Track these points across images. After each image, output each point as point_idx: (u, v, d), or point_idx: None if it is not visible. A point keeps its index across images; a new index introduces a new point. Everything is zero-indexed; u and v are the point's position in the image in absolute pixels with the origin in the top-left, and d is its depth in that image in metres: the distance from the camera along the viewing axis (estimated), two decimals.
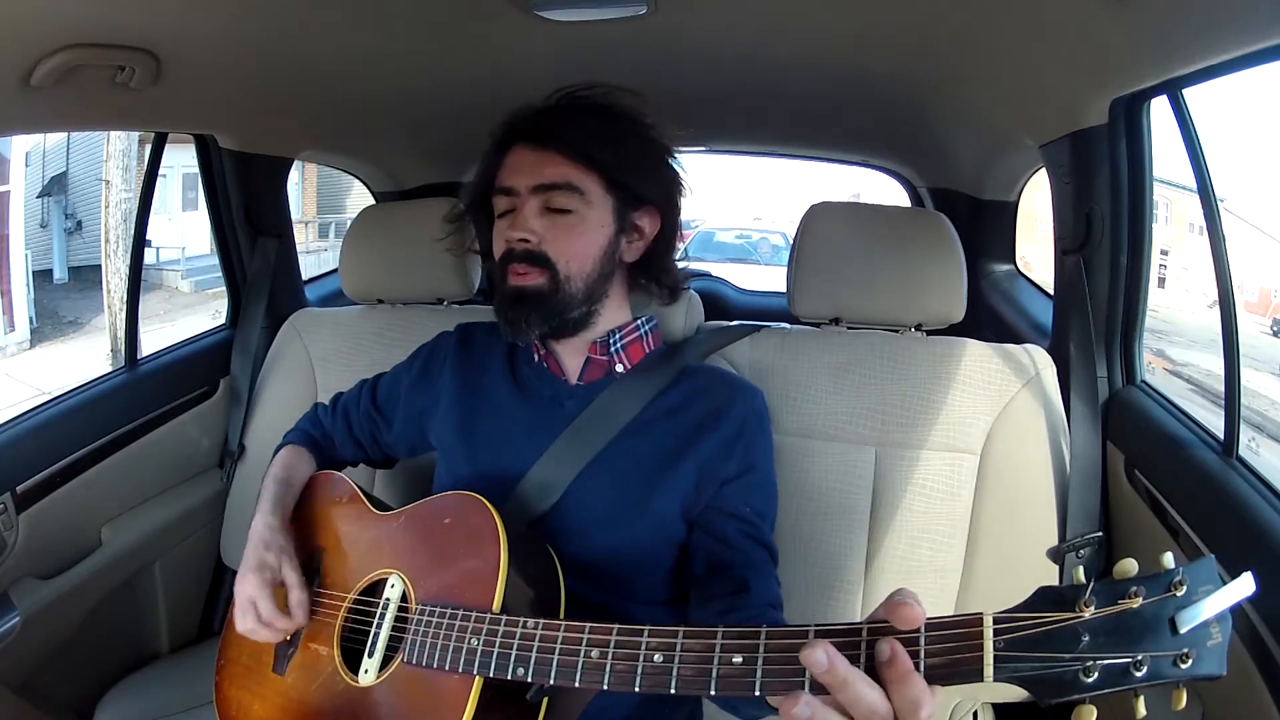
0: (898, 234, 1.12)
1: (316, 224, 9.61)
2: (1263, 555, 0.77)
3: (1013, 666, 0.47)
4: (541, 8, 1.04)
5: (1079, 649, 0.46)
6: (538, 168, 0.88)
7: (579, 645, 0.62)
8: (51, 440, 1.15)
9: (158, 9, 0.92)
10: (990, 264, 1.85)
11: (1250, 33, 0.74)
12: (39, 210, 8.21)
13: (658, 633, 0.59)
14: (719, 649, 0.56)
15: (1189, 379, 2.83)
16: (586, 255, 0.89)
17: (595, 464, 0.88)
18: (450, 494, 0.82)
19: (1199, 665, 0.45)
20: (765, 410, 0.94)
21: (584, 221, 0.88)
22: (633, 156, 0.90)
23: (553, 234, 0.87)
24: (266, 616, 0.81)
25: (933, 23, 1.07)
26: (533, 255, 0.87)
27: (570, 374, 0.95)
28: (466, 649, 0.68)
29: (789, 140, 2.18)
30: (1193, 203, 0.96)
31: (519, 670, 0.64)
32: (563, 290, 0.88)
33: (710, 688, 0.55)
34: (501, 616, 0.68)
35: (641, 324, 0.97)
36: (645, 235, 0.94)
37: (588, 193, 0.88)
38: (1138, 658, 0.45)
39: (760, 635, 0.55)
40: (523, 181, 0.88)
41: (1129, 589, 0.46)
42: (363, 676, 0.76)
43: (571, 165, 0.87)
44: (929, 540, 1.06)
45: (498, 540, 0.73)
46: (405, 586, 0.78)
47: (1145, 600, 0.46)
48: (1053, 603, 0.47)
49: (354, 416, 1.06)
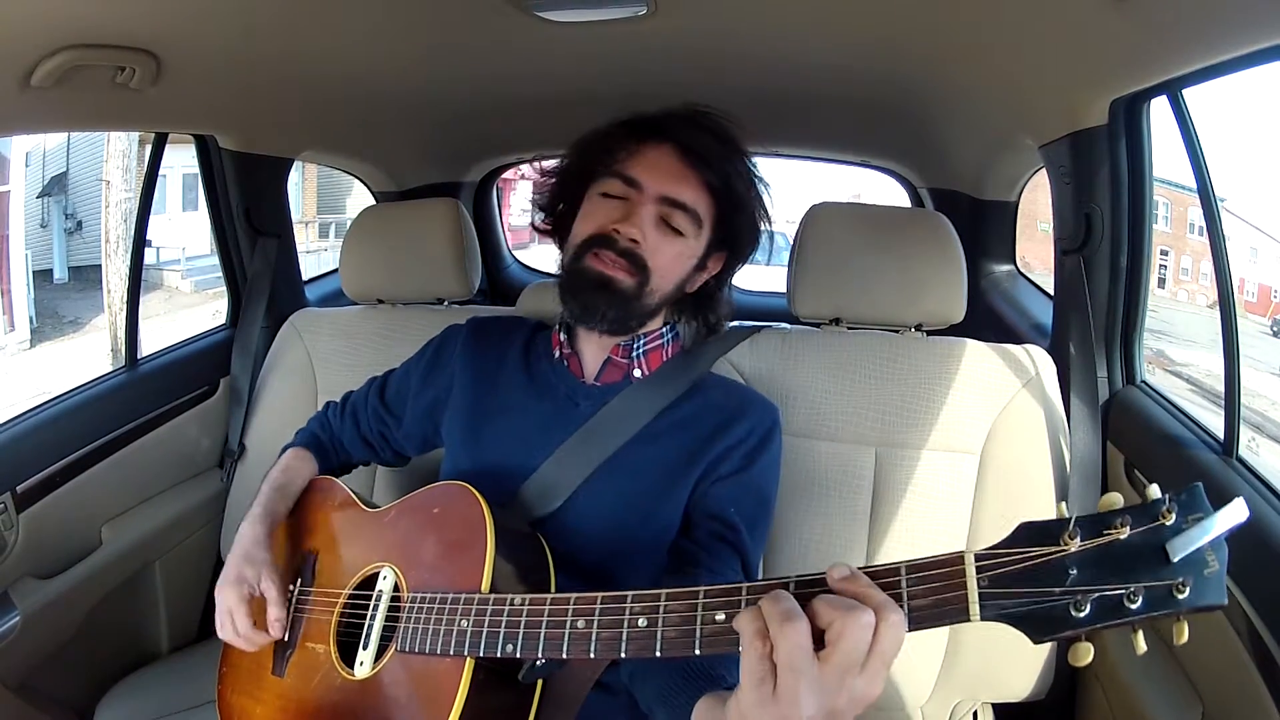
0: (898, 234, 1.12)
1: (316, 224, 9.60)
2: (1263, 555, 0.77)
3: (998, 604, 0.46)
4: (541, 8, 1.04)
5: (1068, 583, 0.45)
6: (675, 180, 0.87)
7: (564, 616, 0.62)
8: (51, 440, 1.15)
9: (158, 9, 0.92)
10: (990, 264, 1.85)
11: (1250, 33, 0.74)
12: (39, 210, 8.21)
13: (641, 597, 0.59)
14: (700, 607, 0.56)
15: (1189, 379, 2.82)
16: (674, 278, 0.90)
17: (603, 469, 0.88)
18: (439, 485, 0.82)
19: (1198, 595, 0.44)
20: (777, 425, 0.93)
21: (687, 248, 0.90)
22: (745, 207, 0.91)
23: (659, 246, 0.87)
24: (242, 630, 0.83)
25: (933, 23, 1.07)
26: (634, 256, 0.87)
27: (588, 373, 0.94)
28: (457, 631, 0.69)
29: (789, 140, 2.18)
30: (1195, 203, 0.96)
31: (508, 647, 0.65)
32: (644, 299, 0.88)
33: (695, 647, 0.55)
34: (490, 596, 0.69)
35: (665, 332, 0.97)
36: (709, 272, 0.95)
37: (703, 225, 0.89)
38: (1130, 589, 0.44)
39: (741, 591, 0.55)
40: (655, 185, 0.87)
41: (1114, 520, 0.45)
42: (358, 669, 0.77)
43: (706, 194, 0.88)
44: (929, 540, 1.06)
45: (484, 524, 0.74)
46: (397, 577, 0.79)
47: (1133, 530, 0.45)
48: (1035, 537, 0.47)
49: (362, 416, 1.05)
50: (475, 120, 1.71)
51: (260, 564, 0.85)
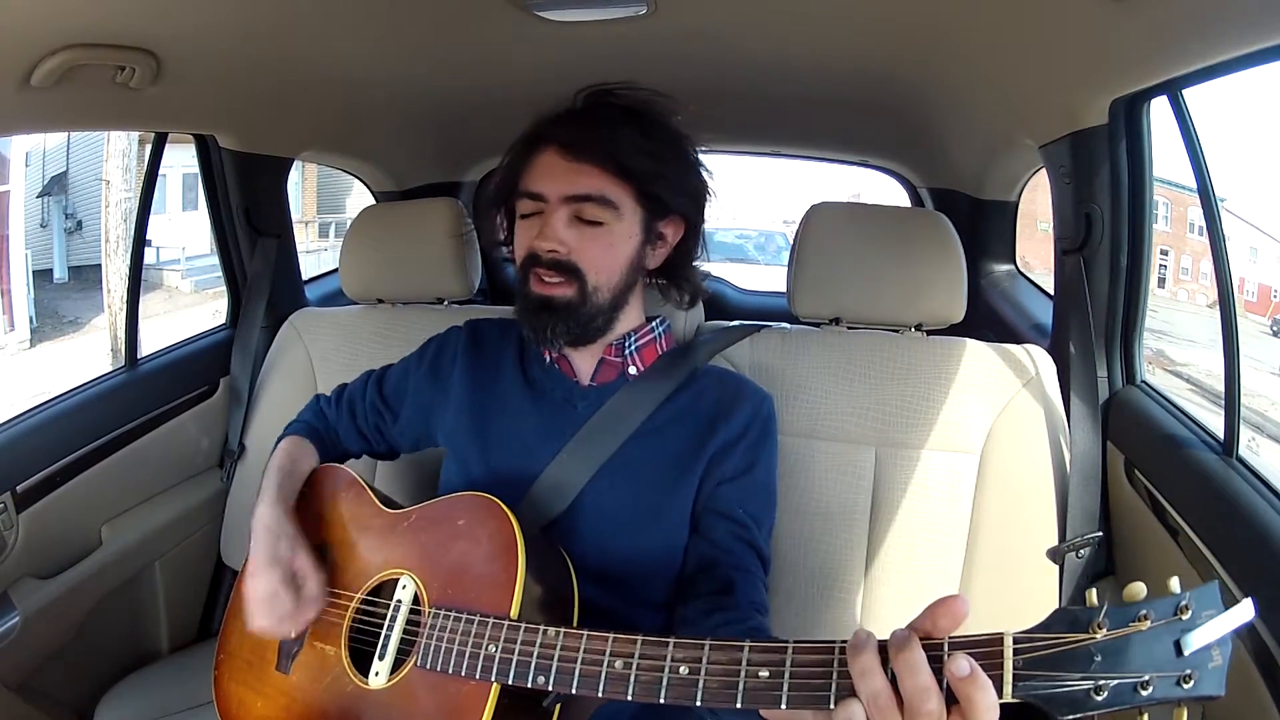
0: (898, 234, 1.12)
1: (317, 224, 9.61)
2: (1262, 555, 0.77)
3: (1029, 685, 0.49)
4: (541, 8, 1.04)
5: (1091, 669, 0.48)
6: (570, 178, 0.85)
7: (602, 656, 0.62)
8: (51, 440, 1.15)
9: (158, 9, 0.92)
10: (990, 264, 1.85)
11: (1250, 33, 0.74)
12: (39, 210, 8.21)
13: (683, 645, 0.59)
14: (745, 662, 0.56)
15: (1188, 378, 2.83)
16: (615, 267, 0.88)
17: (609, 466, 0.87)
18: (464, 495, 0.80)
19: (1200, 686, 0.47)
20: (773, 415, 0.93)
21: (614, 234, 0.87)
22: (667, 167, 0.88)
23: (582, 245, 0.86)
24: (287, 612, 0.79)
25: (933, 23, 1.07)
26: (561, 265, 0.86)
27: (582, 376, 0.94)
28: (484, 655, 0.68)
29: (789, 140, 2.18)
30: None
31: (539, 679, 0.64)
32: (590, 301, 0.87)
33: (737, 700, 0.56)
34: (520, 624, 0.68)
35: (656, 326, 0.97)
36: (669, 243, 0.93)
37: (620, 206, 0.86)
38: (1144, 678, 0.47)
39: (787, 650, 0.55)
40: (553, 190, 0.86)
41: (1139, 611, 0.48)
42: (373, 679, 0.76)
43: (606, 177, 0.85)
44: (929, 540, 1.06)
45: (515, 545, 0.72)
46: (417, 588, 0.77)
47: (1153, 623, 0.48)
48: (1069, 624, 0.49)
49: (359, 408, 1.05)
50: (475, 120, 1.71)
51: (291, 540, 0.83)
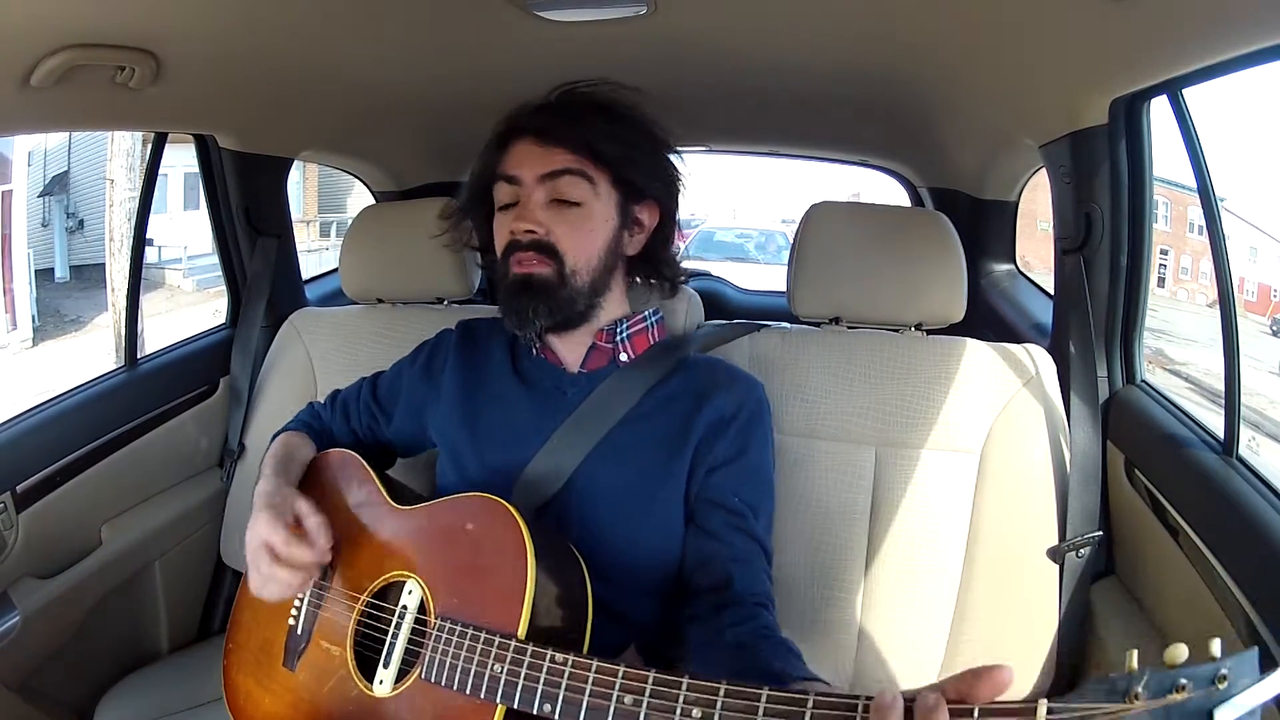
0: (898, 234, 1.12)
1: (317, 223, 9.62)
2: (1262, 555, 0.77)
3: None
4: (541, 8, 1.04)
5: None
6: (545, 159, 0.88)
7: (611, 689, 0.61)
8: (51, 440, 1.15)
9: (158, 9, 0.92)
10: (990, 264, 1.85)
11: (1250, 33, 0.74)
12: (41, 209, 8.21)
13: (697, 686, 0.58)
14: (762, 712, 0.56)
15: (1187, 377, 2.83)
16: (593, 248, 0.89)
17: (599, 450, 0.88)
18: (474, 496, 0.79)
19: None
20: (765, 401, 0.93)
21: (591, 214, 0.89)
22: (636, 151, 0.91)
23: (560, 225, 0.87)
24: (282, 548, 0.77)
25: (933, 23, 1.07)
26: (540, 245, 0.87)
27: (570, 364, 0.95)
28: (489, 675, 0.67)
29: (789, 140, 2.18)
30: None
31: (545, 706, 0.64)
32: (569, 283, 0.88)
33: None
34: (527, 645, 0.67)
35: (649, 315, 0.98)
36: (646, 228, 0.95)
37: (596, 183, 0.89)
38: None
39: (808, 703, 0.55)
40: (529, 171, 0.88)
41: (1178, 681, 0.46)
42: (377, 687, 0.75)
43: (580, 159, 0.88)
44: (929, 540, 1.06)
45: (524, 556, 0.71)
46: (423, 594, 0.76)
47: (1190, 694, 0.46)
48: (1106, 693, 0.48)
49: (353, 409, 1.06)
50: (475, 120, 1.68)
51: (288, 493, 0.82)
